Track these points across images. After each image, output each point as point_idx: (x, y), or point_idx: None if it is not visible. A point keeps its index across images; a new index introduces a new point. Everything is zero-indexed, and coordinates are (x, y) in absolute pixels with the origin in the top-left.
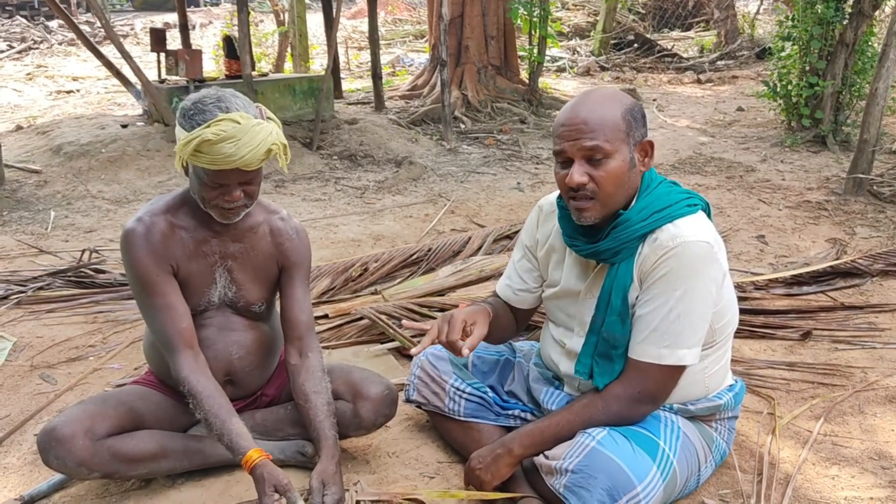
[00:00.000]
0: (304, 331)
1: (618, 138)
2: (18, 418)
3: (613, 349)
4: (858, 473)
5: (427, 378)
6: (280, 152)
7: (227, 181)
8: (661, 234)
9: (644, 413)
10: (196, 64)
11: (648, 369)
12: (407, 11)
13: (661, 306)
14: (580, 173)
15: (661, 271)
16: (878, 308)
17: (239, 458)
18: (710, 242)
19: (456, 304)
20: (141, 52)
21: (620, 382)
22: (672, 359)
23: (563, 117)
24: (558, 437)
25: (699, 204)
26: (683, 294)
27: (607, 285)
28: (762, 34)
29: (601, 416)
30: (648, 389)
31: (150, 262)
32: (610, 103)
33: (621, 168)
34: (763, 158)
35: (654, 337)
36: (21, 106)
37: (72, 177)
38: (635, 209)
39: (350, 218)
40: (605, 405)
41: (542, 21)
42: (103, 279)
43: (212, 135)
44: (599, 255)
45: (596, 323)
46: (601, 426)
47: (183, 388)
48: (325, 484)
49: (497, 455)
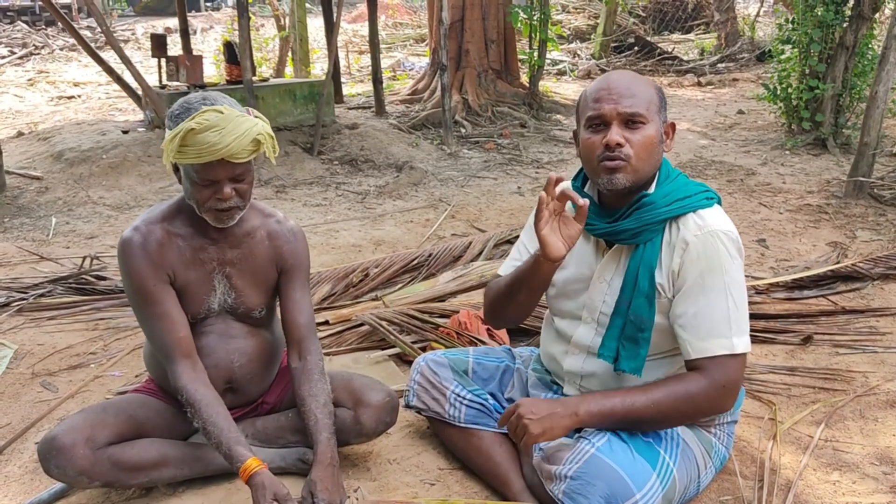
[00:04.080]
0: (303, 333)
1: (652, 109)
2: (19, 426)
3: (640, 332)
4: (860, 479)
5: (427, 384)
6: (267, 144)
7: (217, 177)
8: (685, 222)
9: (726, 408)
10: (197, 69)
11: (725, 361)
12: (407, 15)
13: (716, 297)
14: (618, 133)
15: (698, 261)
16: (879, 312)
17: (237, 466)
18: (735, 233)
19: (457, 310)
20: (142, 57)
21: (702, 375)
22: (742, 345)
23: (600, 85)
24: (629, 416)
25: (715, 198)
26: (730, 283)
27: (633, 267)
28: (762, 37)
29: (684, 405)
30: (732, 380)
31: (147, 272)
32: (642, 79)
33: (654, 138)
34: (763, 162)
35: (722, 328)
36: (22, 112)
37: (73, 183)
38: (659, 193)
39: (351, 223)
40: (689, 397)
41: (543, 24)
42: (104, 286)
43: (195, 124)
44: (618, 234)
45: (622, 305)
46: (677, 416)
47: (181, 397)
48: (312, 493)
49: (556, 413)
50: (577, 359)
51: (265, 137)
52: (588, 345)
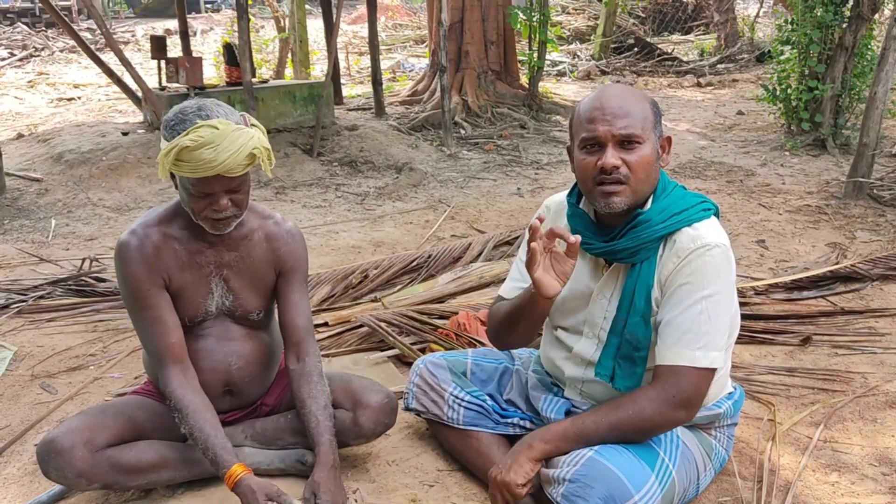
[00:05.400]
0: (302, 335)
1: (648, 128)
2: (19, 428)
3: (636, 351)
4: (859, 480)
5: (426, 386)
6: (263, 157)
7: (212, 190)
8: (680, 236)
9: (678, 420)
10: (196, 71)
11: (683, 373)
12: (407, 16)
13: (690, 308)
14: (614, 156)
15: (686, 273)
16: (878, 313)
17: (223, 472)
18: (727, 245)
19: (456, 311)
20: (142, 59)
21: (653, 387)
22: (706, 361)
23: (594, 104)
24: (582, 436)
25: (712, 209)
26: (710, 295)
27: (629, 286)
28: (762, 37)
29: (631, 419)
30: (684, 393)
31: (142, 275)
32: (636, 95)
33: (651, 157)
34: (763, 162)
35: (688, 339)
36: (22, 114)
37: (72, 185)
38: (655, 210)
39: (350, 224)
40: (636, 408)
41: (542, 26)
42: (104, 288)
43: (190, 141)
44: (616, 254)
45: (618, 325)
46: (629, 431)
47: (169, 402)
48: (315, 494)
49: (517, 453)
50: (579, 368)
51: (261, 151)
52: (589, 358)
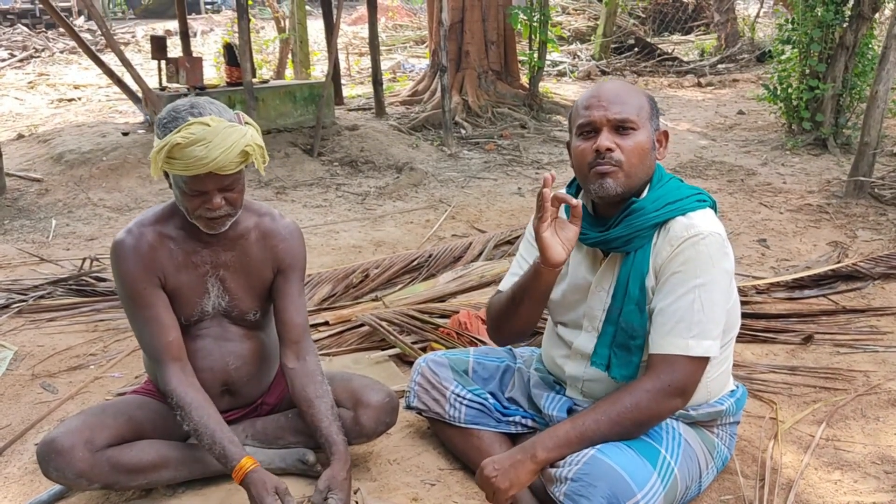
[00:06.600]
0: (300, 333)
1: (644, 117)
2: (19, 428)
3: (632, 339)
4: (861, 478)
5: (427, 384)
6: (256, 155)
7: (205, 188)
8: (674, 224)
9: (674, 407)
10: (196, 71)
11: (676, 361)
12: (407, 17)
13: (683, 297)
14: (608, 139)
15: (679, 262)
16: (879, 311)
17: (232, 465)
18: (722, 235)
19: (457, 310)
20: (142, 59)
21: (648, 377)
22: (699, 349)
23: (590, 94)
24: (584, 437)
25: (707, 201)
26: (704, 284)
27: (623, 274)
28: (762, 37)
29: (630, 412)
30: (678, 381)
31: (138, 275)
32: (633, 87)
33: (645, 144)
34: (764, 162)
35: (681, 328)
36: (22, 114)
37: (73, 185)
38: (649, 198)
39: (351, 224)
40: (633, 401)
41: (543, 26)
42: (104, 287)
43: (181, 138)
44: (610, 243)
45: (613, 313)
46: (629, 424)
47: (170, 400)
48: (330, 488)
49: (517, 461)
50: (579, 365)
51: (253, 148)
52: (589, 353)
